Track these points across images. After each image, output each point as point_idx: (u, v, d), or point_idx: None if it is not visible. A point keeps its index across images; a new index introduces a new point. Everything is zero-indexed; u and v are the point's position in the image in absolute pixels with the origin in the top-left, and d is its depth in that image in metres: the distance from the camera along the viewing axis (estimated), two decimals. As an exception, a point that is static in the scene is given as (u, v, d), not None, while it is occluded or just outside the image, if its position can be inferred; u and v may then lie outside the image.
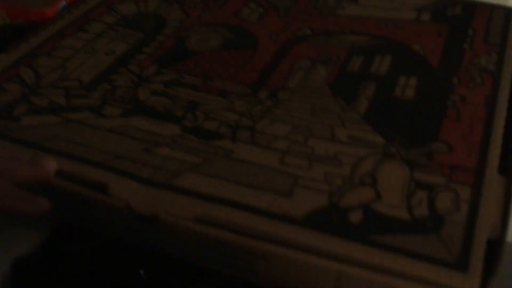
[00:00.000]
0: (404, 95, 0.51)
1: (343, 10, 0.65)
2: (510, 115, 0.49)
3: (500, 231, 0.38)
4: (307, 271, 0.38)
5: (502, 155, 0.44)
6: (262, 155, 0.45)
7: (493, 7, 0.65)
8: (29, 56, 0.58)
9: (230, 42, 0.60)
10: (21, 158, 0.42)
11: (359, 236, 0.38)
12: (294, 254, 0.38)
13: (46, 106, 0.51)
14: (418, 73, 0.54)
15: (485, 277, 0.36)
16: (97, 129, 0.48)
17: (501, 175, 0.43)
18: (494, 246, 0.37)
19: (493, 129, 0.47)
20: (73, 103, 0.51)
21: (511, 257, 0.37)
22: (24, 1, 0.68)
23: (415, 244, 0.37)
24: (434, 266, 0.36)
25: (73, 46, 0.59)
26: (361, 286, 0.37)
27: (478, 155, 0.44)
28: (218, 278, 0.44)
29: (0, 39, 0.66)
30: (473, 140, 0.46)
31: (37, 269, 0.46)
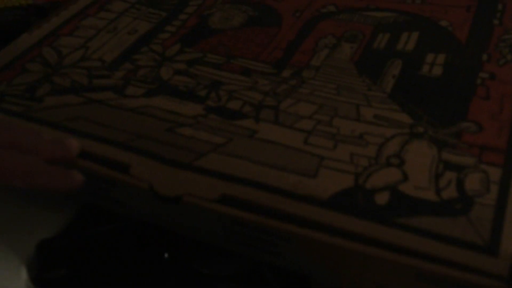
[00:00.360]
0: (431, 73, 0.50)
1: (368, -14, 0.64)
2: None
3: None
4: (332, 253, 0.38)
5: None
6: (286, 135, 0.44)
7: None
8: (51, 36, 0.58)
9: (253, 20, 0.59)
10: (44, 138, 0.42)
11: (386, 218, 0.37)
12: (318, 235, 0.37)
13: (69, 86, 0.50)
14: (446, 50, 0.53)
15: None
16: (120, 109, 0.48)
17: (532, 155, 0.41)
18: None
19: (525, 107, 0.45)
20: (95, 83, 0.51)
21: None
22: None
23: (443, 227, 0.36)
24: (464, 249, 0.35)
25: (95, 26, 0.59)
26: (388, 269, 0.36)
27: (509, 135, 0.43)
28: (242, 260, 0.44)
29: (22, 19, 0.66)
30: (503, 119, 0.44)
31: (62, 251, 0.46)
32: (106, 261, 0.46)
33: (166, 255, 0.46)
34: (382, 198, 0.39)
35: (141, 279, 0.45)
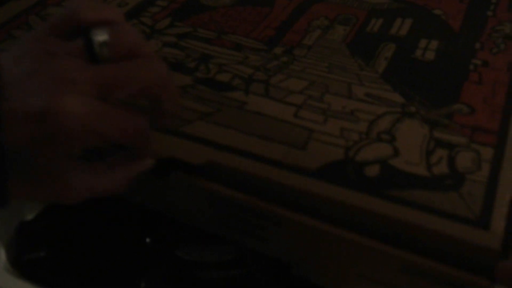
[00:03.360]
0: (424, 57, 0.49)
1: (363, -26, 0.63)
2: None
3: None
4: (320, 239, 0.37)
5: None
6: (276, 108, 0.43)
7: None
8: (38, 5, 0.56)
9: (246, -1, 0.58)
10: None
11: (376, 190, 0.36)
12: (308, 220, 0.37)
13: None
14: (439, 37, 0.52)
15: (506, 237, 0.34)
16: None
17: (525, 138, 0.41)
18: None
19: (518, 93, 0.45)
20: (82, 51, 0.49)
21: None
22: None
23: (434, 201, 0.36)
24: (455, 223, 0.34)
25: (84, -3, 0.58)
26: (373, 258, 0.36)
27: (501, 118, 0.42)
28: (224, 248, 0.43)
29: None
30: (496, 103, 0.44)
31: (41, 232, 0.45)
32: (86, 243, 0.45)
33: (147, 240, 0.45)
34: (372, 171, 0.38)
35: (122, 263, 0.44)
